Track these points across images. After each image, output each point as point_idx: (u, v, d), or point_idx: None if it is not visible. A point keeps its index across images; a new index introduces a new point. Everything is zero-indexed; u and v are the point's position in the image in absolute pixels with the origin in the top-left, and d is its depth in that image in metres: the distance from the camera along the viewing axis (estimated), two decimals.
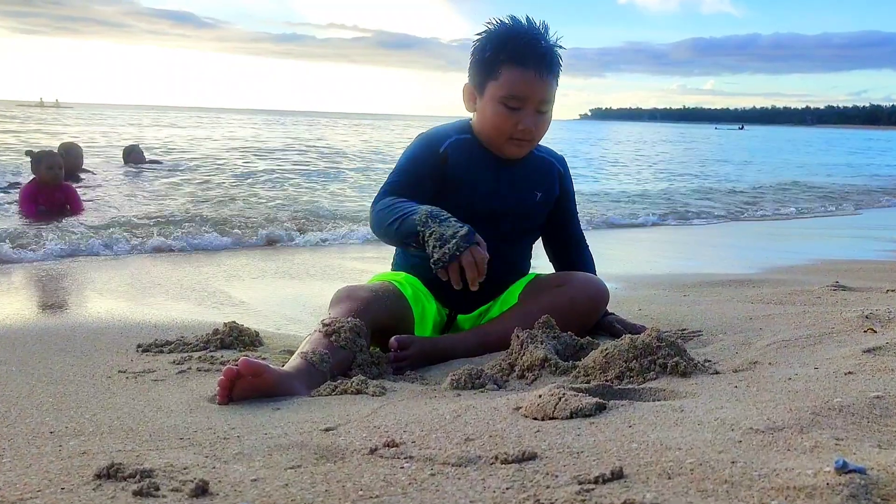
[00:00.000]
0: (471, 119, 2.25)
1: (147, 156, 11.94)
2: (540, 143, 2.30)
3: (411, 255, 2.23)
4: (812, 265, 4.20)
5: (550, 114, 2.16)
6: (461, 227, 1.80)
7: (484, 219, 2.13)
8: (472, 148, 2.20)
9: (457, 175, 2.16)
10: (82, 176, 8.46)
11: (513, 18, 2.12)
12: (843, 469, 0.88)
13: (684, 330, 2.32)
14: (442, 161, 2.16)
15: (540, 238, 2.41)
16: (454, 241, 1.77)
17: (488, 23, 2.13)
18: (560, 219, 2.36)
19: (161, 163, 11.93)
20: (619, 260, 4.50)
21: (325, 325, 1.86)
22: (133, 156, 11.45)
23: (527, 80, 2.06)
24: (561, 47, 2.14)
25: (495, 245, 2.08)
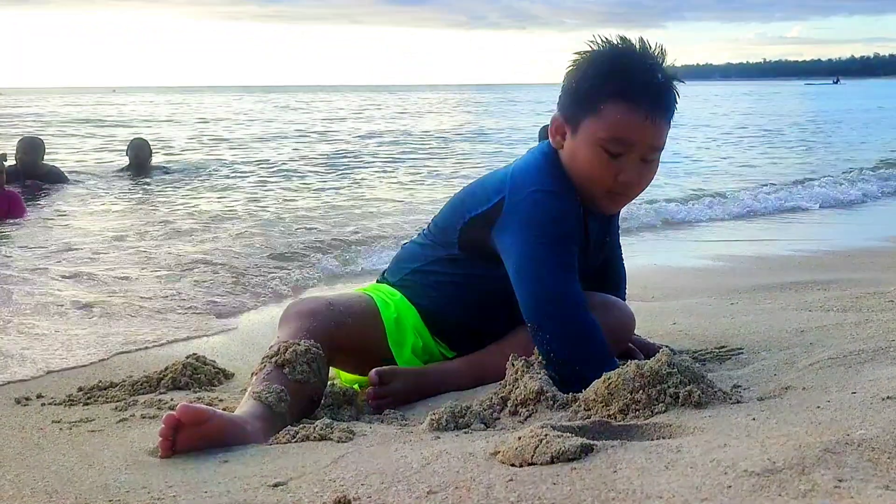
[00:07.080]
0: (546, 150, 2.15)
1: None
2: None
3: (435, 290, 2.20)
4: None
5: (657, 164, 2.10)
6: None
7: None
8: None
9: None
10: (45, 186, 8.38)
11: (623, 40, 2.05)
12: None
13: (723, 347, 2.40)
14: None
15: None
16: None
17: (590, 42, 2.06)
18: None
19: (168, 170, 10.52)
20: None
21: (274, 353, 1.94)
22: (144, 154, 9.99)
23: (636, 121, 1.98)
24: (680, 81, 2.08)
25: None
